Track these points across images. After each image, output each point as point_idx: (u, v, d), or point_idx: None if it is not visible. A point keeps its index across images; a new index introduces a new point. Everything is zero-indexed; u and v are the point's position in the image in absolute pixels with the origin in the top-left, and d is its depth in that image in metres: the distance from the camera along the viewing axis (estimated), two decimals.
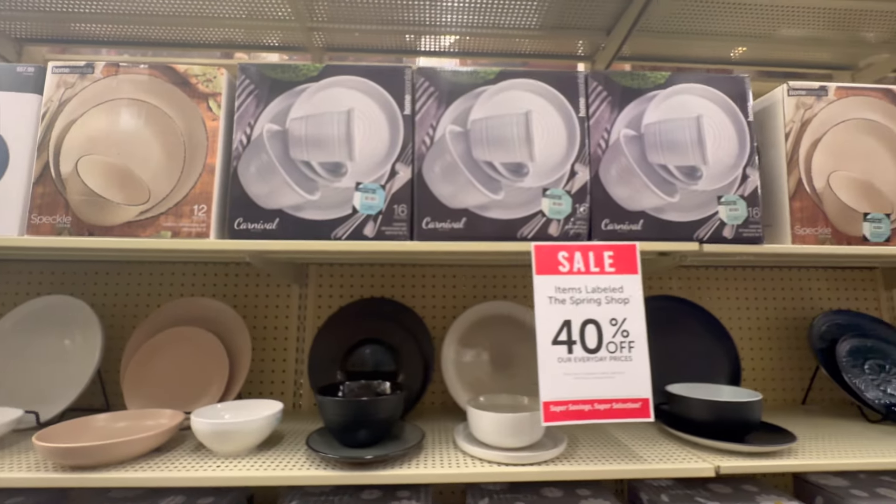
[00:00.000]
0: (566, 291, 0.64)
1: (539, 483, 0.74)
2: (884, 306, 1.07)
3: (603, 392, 0.62)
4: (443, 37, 1.11)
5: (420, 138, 0.67)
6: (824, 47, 1.12)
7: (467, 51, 1.17)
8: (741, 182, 0.69)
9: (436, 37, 1.11)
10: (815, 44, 1.11)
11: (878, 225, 0.70)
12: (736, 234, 0.68)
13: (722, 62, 1.24)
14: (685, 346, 0.92)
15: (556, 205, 0.67)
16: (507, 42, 1.12)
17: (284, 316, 0.99)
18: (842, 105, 0.71)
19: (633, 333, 0.64)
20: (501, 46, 1.15)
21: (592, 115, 0.69)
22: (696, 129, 0.69)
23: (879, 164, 0.71)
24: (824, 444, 0.72)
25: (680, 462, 0.64)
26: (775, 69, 1.25)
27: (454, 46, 1.15)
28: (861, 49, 1.11)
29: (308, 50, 1.05)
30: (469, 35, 1.10)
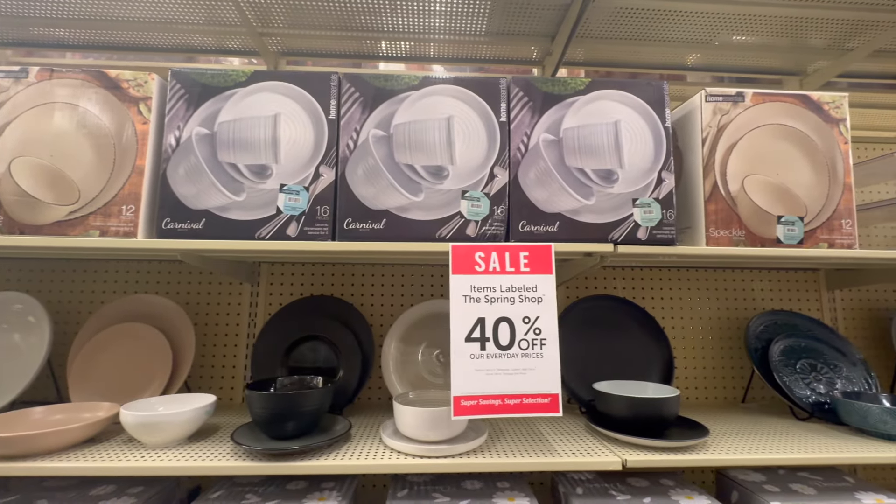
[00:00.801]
0: (481, 290, 0.66)
1: (461, 475, 0.77)
2: (825, 307, 1.09)
3: (513, 388, 0.65)
4: (400, 42, 1.14)
5: (344, 142, 0.70)
6: (773, 53, 1.14)
7: (426, 56, 1.20)
8: (656, 185, 0.71)
9: (393, 42, 1.13)
10: (764, 50, 1.13)
11: (791, 227, 0.72)
12: (650, 236, 0.70)
13: (676, 68, 1.26)
14: (623, 345, 0.94)
15: (474, 206, 0.69)
16: (463, 47, 1.14)
17: (236, 313, 1.01)
18: (758, 111, 0.73)
19: (545, 331, 0.66)
20: (458, 51, 1.17)
21: (513, 119, 0.72)
22: (613, 134, 0.72)
23: (794, 168, 0.73)
24: (744, 440, 0.74)
25: (590, 456, 0.66)
26: (728, 75, 1.26)
27: (413, 51, 1.18)
28: (807, 55, 1.13)
29: (262, 55, 1.07)
30: (425, 41, 1.12)
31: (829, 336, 0.98)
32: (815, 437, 0.76)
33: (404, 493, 0.70)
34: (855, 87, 1.30)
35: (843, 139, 0.74)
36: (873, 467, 1.03)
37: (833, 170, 0.73)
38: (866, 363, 0.93)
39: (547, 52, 1.12)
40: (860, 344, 1.08)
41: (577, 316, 0.96)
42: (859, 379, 0.91)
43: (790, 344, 0.94)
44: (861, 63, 1.15)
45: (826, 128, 0.74)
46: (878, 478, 1.03)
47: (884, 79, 1.21)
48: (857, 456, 0.68)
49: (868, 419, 0.74)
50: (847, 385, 0.90)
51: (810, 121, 0.74)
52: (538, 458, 0.65)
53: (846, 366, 0.92)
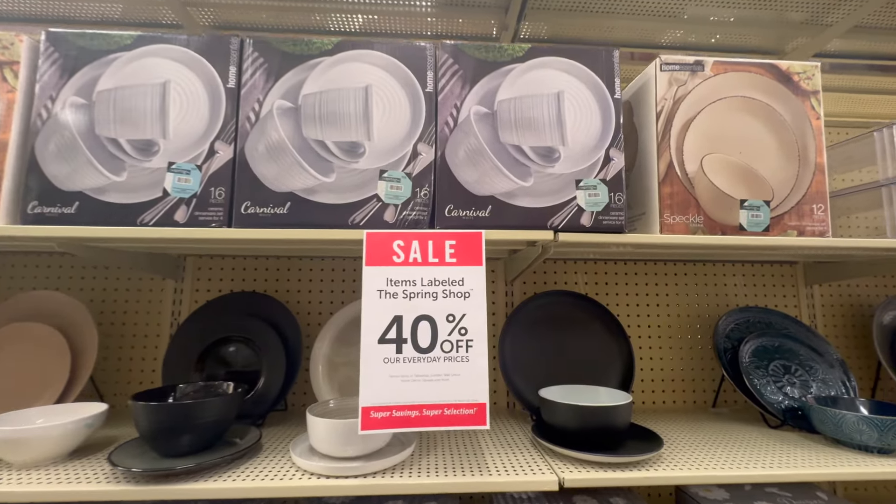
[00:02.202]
0: (399, 284, 0.58)
1: (384, 495, 0.68)
2: (803, 303, 1.01)
3: (434, 396, 0.56)
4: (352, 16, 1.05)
5: (245, 114, 0.61)
6: (750, 29, 1.06)
7: (378, 31, 1.11)
8: (604, 165, 0.62)
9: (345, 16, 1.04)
10: (740, 26, 1.05)
11: (755, 213, 0.64)
12: (595, 222, 0.61)
13: (649, 46, 1.17)
14: (581, 346, 0.86)
15: (393, 188, 0.60)
16: (416, 22, 1.06)
17: (157, 312, 0.92)
18: (720, 81, 0.65)
19: (472, 331, 0.57)
20: (411, 27, 1.08)
21: (442, 90, 0.63)
22: (555, 107, 0.63)
23: (760, 146, 0.65)
24: (705, 452, 0.66)
25: (525, 474, 0.58)
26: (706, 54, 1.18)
27: (368, 27, 1.09)
28: (785, 30, 1.05)
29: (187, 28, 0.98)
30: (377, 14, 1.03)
31: (806, 335, 0.90)
32: (785, 448, 0.68)
33: None
34: (837, 68, 1.23)
35: (814, 114, 0.66)
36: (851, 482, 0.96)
37: (803, 148, 0.65)
38: (845, 364, 0.86)
39: (504, 26, 1.04)
40: (841, 343, 1.00)
41: (530, 314, 0.88)
42: (836, 382, 0.83)
43: (763, 344, 0.86)
44: (840, 40, 1.07)
45: (796, 101, 0.66)
46: (859, 491, 0.96)
47: (863, 59, 1.13)
48: (829, 472, 0.60)
49: (843, 428, 0.66)
50: (823, 389, 0.82)
51: (778, 93, 0.65)
52: (463, 478, 0.57)
53: (823, 367, 0.85)
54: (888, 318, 0.94)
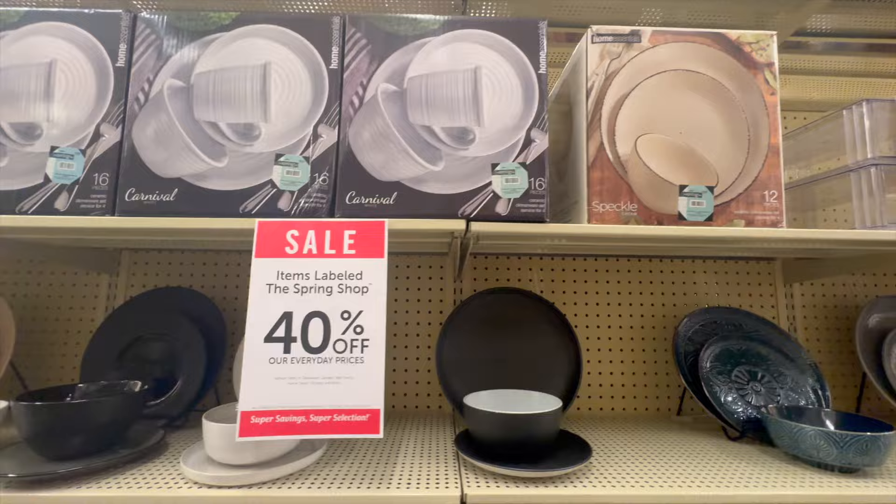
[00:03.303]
0: (291, 278, 0.53)
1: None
2: (781, 303, 0.92)
3: (323, 401, 0.51)
4: None
5: (134, 94, 0.56)
6: (728, 5, 0.98)
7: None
8: (524, 147, 0.56)
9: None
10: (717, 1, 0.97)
11: (697, 200, 0.57)
12: (512, 210, 0.55)
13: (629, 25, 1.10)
14: (527, 348, 0.80)
15: (290, 174, 0.56)
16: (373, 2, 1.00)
17: (92, 307, 0.89)
18: (659, 53, 0.58)
19: (368, 330, 0.52)
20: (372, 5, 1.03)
21: (348, 66, 0.58)
22: (472, 83, 0.57)
23: (703, 125, 0.57)
24: (643, 466, 0.59)
25: (427, 488, 0.52)
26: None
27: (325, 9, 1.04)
28: (767, 6, 0.96)
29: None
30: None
31: (778, 338, 0.82)
32: (735, 464, 0.61)
33: None
34: (830, 49, 1.13)
35: (769, 89, 0.58)
36: None
37: (755, 127, 0.58)
38: (818, 370, 0.77)
39: (460, 8, 0.98)
40: (823, 347, 0.92)
41: (474, 312, 0.82)
42: (807, 390, 0.75)
43: (727, 347, 0.79)
44: (822, 16, 0.99)
45: (746, 74, 0.58)
46: None
47: (846, 37, 1.04)
48: (772, 494, 0.53)
49: (799, 443, 0.59)
50: (792, 397, 0.74)
51: (726, 65, 0.58)
52: (357, 492, 0.51)
53: (793, 374, 0.77)
54: (874, 322, 0.85)
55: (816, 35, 1.08)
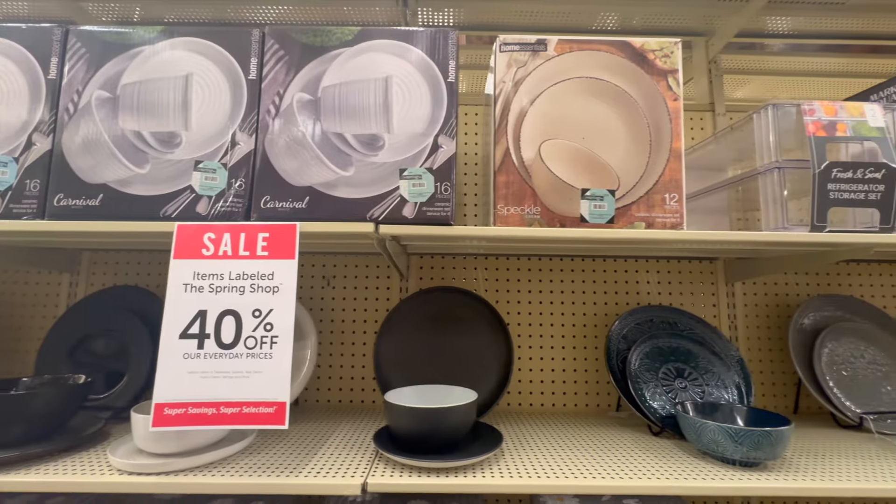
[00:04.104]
0: (206, 278, 0.56)
1: (213, 495, 0.66)
2: (723, 302, 0.94)
3: (233, 394, 0.54)
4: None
5: (64, 105, 0.60)
6: (676, 9, 0.99)
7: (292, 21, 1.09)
8: (431, 153, 0.59)
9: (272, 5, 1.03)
10: (670, 3, 0.98)
11: (599, 203, 0.59)
12: (418, 214, 0.58)
13: (580, 31, 1.12)
14: (461, 345, 0.82)
15: (208, 179, 0.59)
16: (333, 12, 1.03)
17: (54, 305, 0.93)
18: (564, 61, 0.60)
19: (277, 327, 0.55)
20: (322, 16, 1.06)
21: (266, 76, 0.61)
22: (382, 92, 0.60)
23: (607, 131, 0.59)
24: (554, 458, 0.62)
25: (333, 477, 0.55)
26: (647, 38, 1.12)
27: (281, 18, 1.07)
28: (713, 10, 0.97)
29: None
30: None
31: (710, 336, 0.84)
32: (644, 457, 0.63)
33: None
34: (788, 50, 1.14)
35: (671, 95, 0.60)
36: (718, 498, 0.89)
37: (657, 133, 0.60)
38: (744, 366, 0.79)
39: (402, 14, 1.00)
40: (763, 345, 0.93)
41: (414, 310, 0.85)
42: (731, 386, 0.77)
43: (658, 345, 0.81)
44: (778, 18, 1.00)
45: (649, 81, 0.60)
46: None
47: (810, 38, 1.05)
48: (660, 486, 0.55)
49: (702, 438, 0.61)
50: (716, 393, 0.76)
51: (629, 73, 0.60)
52: (266, 479, 0.55)
53: (721, 370, 0.78)
54: (808, 321, 0.87)
55: (770, 36, 1.09)
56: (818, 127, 0.60)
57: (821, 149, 0.60)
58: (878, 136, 0.61)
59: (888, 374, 0.81)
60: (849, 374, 0.82)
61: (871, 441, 0.72)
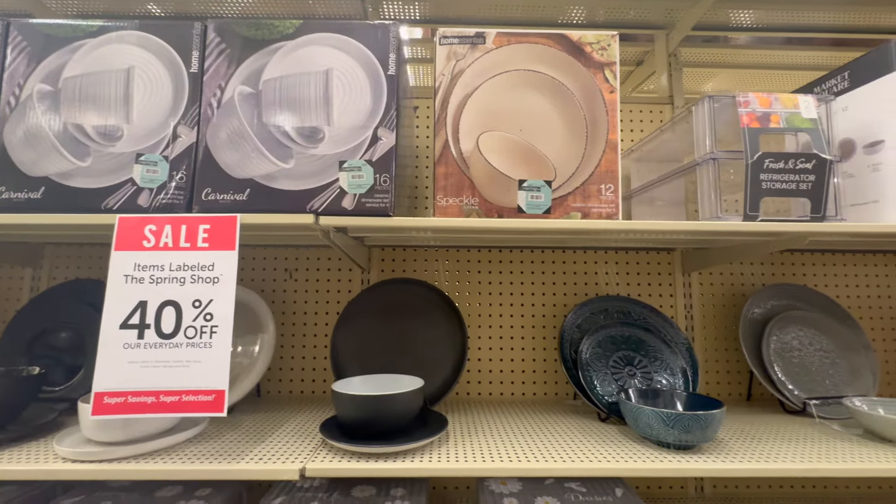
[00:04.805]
0: (147, 269, 0.57)
1: (161, 481, 0.68)
2: (679, 292, 0.96)
3: (173, 383, 0.55)
4: None
5: (6, 98, 0.60)
6: (643, 3, 1.00)
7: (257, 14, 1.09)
8: (370, 145, 0.60)
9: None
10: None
11: (535, 194, 0.60)
12: (358, 205, 0.59)
13: (550, 24, 1.12)
14: (418, 335, 0.84)
15: (150, 172, 0.59)
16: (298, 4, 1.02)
17: (16, 299, 0.94)
18: (502, 54, 0.61)
19: (217, 317, 0.56)
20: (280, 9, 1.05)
21: (207, 70, 0.61)
22: (322, 85, 0.60)
23: (544, 123, 0.60)
24: (496, 445, 0.64)
25: (274, 463, 0.56)
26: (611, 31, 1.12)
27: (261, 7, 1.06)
28: (672, 2, 0.98)
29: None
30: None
31: (662, 324, 0.85)
32: (586, 442, 0.64)
33: (74, 499, 0.61)
34: (754, 43, 1.15)
35: (608, 87, 0.61)
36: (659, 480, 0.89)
37: (593, 124, 0.61)
38: (692, 354, 0.81)
39: (362, 8, 1.00)
40: (718, 334, 0.95)
41: (372, 302, 0.86)
42: (678, 372, 0.78)
43: (610, 334, 0.82)
44: (743, 12, 1.01)
45: (586, 74, 0.61)
46: (663, 489, 0.90)
47: (746, 31, 1.06)
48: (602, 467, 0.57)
49: (638, 423, 0.62)
50: (665, 380, 0.78)
51: (566, 66, 0.61)
52: (207, 465, 0.56)
53: (669, 358, 0.80)
54: (759, 310, 0.89)
55: (731, 29, 1.10)
56: (752, 118, 0.61)
57: (754, 140, 0.61)
58: (810, 128, 0.62)
59: (834, 360, 0.84)
60: (797, 361, 0.83)
61: (811, 426, 0.74)
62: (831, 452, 0.61)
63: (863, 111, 0.67)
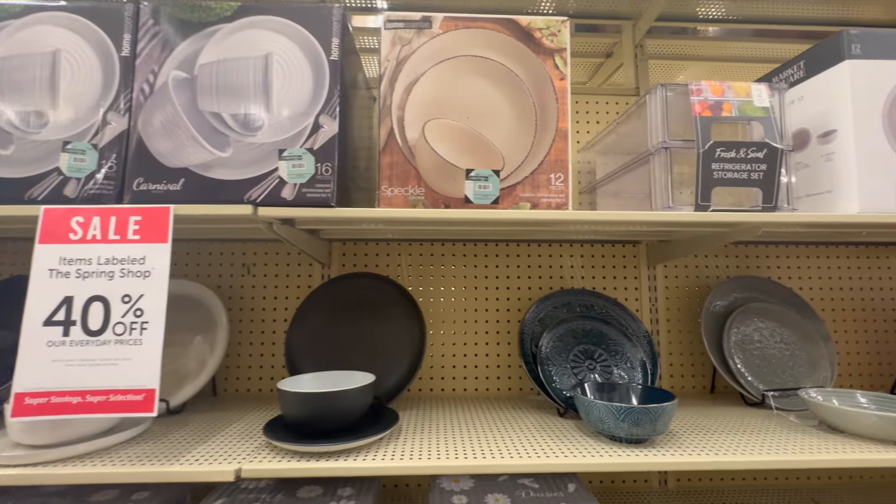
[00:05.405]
0: (73, 263, 0.54)
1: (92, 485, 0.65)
2: (644, 285, 0.95)
3: (100, 382, 0.52)
4: None
5: None
6: None
7: None
8: (312, 133, 0.57)
9: None
10: None
11: (483, 184, 0.58)
12: (298, 195, 0.57)
13: (521, 12, 1.10)
14: (377, 331, 0.82)
15: (77, 161, 0.56)
16: None
17: None
18: (449, 40, 0.59)
19: (148, 313, 0.54)
20: None
21: (140, 53, 0.58)
22: (262, 70, 0.58)
23: (491, 110, 0.59)
24: (455, 440, 0.62)
25: (209, 465, 0.54)
26: (579, 21, 1.11)
27: None
28: None
29: None
30: None
31: (625, 317, 0.85)
32: (539, 437, 0.63)
33: None
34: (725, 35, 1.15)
35: (558, 74, 0.60)
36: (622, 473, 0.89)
37: (542, 112, 0.59)
38: (652, 347, 0.80)
39: None
40: (683, 327, 0.95)
41: (331, 296, 0.84)
42: (637, 365, 0.78)
43: (571, 328, 0.81)
44: (714, 4, 1.00)
45: (535, 60, 0.59)
46: (616, 483, 0.90)
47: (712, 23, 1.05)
48: (553, 463, 0.55)
49: (591, 417, 0.61)
50: (625, 373, 0.77)
51: (516, 52, 0.59)
52: (140, 468, 0.53)
53: (630, 351, 0.79)
54: (721, 302, 0.88)
55: (699, 21, 1.10)
56: (704, 107, 0.60)
57: (706, 129, 0.60)
58: (762, 116, 0.61)
59: (794, 352, 0.84)
60: (758, 353, 0.83)
61: (769, 417, 0.74)
62: (782, 444, 0.61)
63: (817, 101, 0.67)
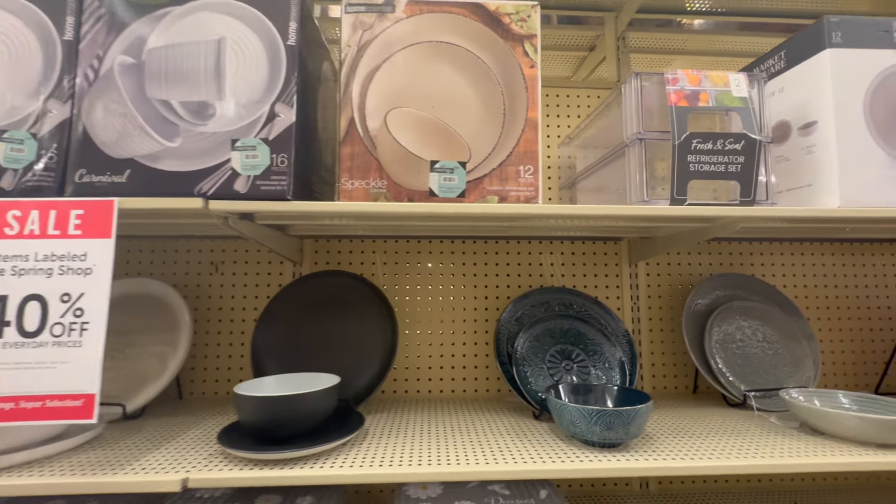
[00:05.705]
0: (8, 260, 0.50)
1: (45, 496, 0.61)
2: (626, 283, 0.93)
3: (35, 387, 0.49)
4: None
5: None
6: None
7: None
8: (267, 122, 0.54)
9: None
10: None
11: (449, 176, 0.55)
12: (252, 188, 0.54)
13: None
14: (348, 330, 0.79)
15: (14, 151, 0.53)
16: None
17: None
18: (413, 24, 0.56)
19: (89, 312, 0.50)
20: None
21: (84, 37, 0.55)
22: (214, 55, 0.55)
23: (457, 99, 0.56)
24: (423, 446, 0.59)
25: (155, 474, 0.51)
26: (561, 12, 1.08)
27: None
28: None
29: None
30: None
31: (604, 316, 0.82)
32: (519, 442, 0.60)
33: None
34: (711, 29, 1.13)
35: (528, 62, 0.57)
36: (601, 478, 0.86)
37: (511, 101, 0.56)
38: (631, 347, 0.78)
39: None
40: (665, 326, 0.92)
41: (300, 295, 0.80)
42: (615, 366, 0.75)
43: (548, 328, 0.78)
44: None
45: (504, 47, 0.57)
46: (596, 487, 0.88)
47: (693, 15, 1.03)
48: (523, 469, 0.53)
49: (563, 420, 0.59)
50: (603, 374, 0.74)
51: (483, 37, 0.56)
52: (80, 478, 0.50)
53: (609, 351, 0.77)
54: (703, 301, 0.86)
55: (681, 13, 1.08)
56: (680, 97, 0.58)
57: (682, 119, 0.57)
58: (740, 107, 0.59)
59: (777, 351, 0.82)
60: (739, 352, 0.81)
61: (750, 419, 0.72)
62: (760, 447, 0.58)
63: (797, 91, 0.64)
